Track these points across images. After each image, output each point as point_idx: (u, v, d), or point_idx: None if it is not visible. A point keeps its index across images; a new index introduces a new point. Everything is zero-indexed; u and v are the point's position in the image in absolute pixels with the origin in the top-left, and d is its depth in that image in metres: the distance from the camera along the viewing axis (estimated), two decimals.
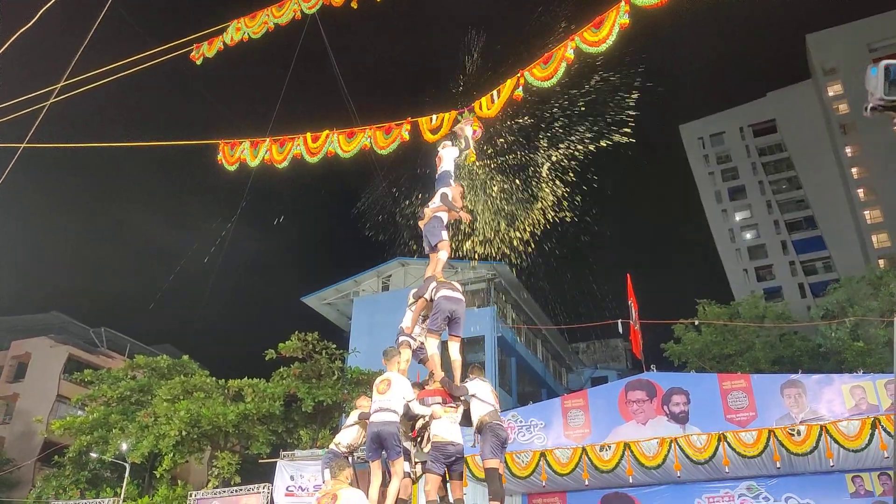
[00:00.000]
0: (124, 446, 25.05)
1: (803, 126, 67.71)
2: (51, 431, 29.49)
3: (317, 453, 20.42)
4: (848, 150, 65.37)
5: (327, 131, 11.07)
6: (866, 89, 2.66)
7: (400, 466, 7.29)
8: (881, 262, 53.54)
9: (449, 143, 9.59)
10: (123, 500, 23.94)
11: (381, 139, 10.63)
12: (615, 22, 8.48)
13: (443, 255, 8.67)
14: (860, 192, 63.78)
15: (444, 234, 8.72)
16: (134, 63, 11.36)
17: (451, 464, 7.47)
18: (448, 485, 7.68)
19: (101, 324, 45.45)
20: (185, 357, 30.85)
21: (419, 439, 7.96)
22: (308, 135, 11.18)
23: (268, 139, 11.47)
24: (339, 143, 10.91)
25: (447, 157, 9.35)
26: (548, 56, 9.23)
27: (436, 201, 8.85)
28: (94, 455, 26.97)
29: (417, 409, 7.62)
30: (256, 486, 20.73)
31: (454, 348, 8.12)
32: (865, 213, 62.76)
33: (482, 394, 7.72)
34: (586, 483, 15.61)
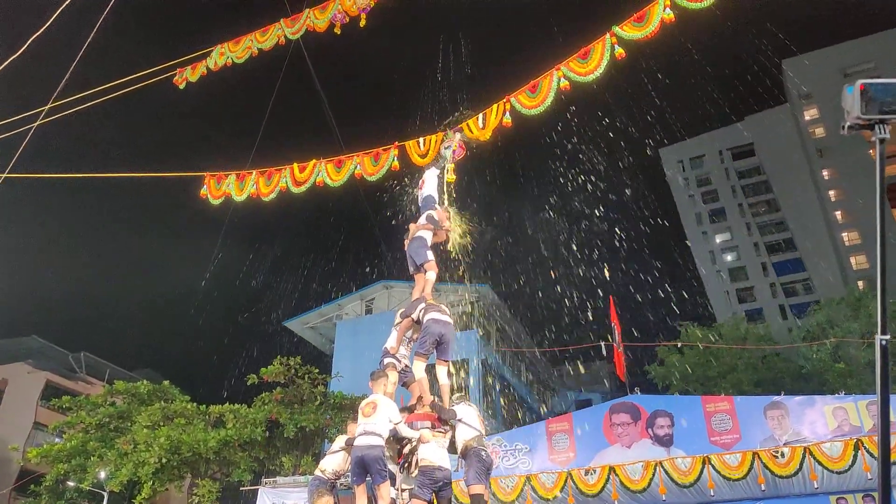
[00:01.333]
0: (102, 474, 24.61)
1: (781, 149, 68.76)
2: (27, 459, 28.91)
3: (299, 480, 20.13)
4: (825, 173, 66.44)
5: (314, 161, 11.04)
6: (843, 108, 2.70)
7: (386, 491, 7.14)
8: (860, 283, 54.18)
9: (433, 167, 9.62)
10: None
11: (370, 166, 10.61)
12: (604, 53, 8.58)
13: (430, 275, 8.62)
14: (838, 214, 64.71)
15: (430, 254, 8.68)
16: (117, 87, 11.34)
17: (439, 490, 7.35)
18: None
19: (81, 348, 44.89)
20: (166, 382, 30.43)
21: (406, 464, 7.83)
22: (295, 165, 11.12)
23: (254, 172, 11.38)
24: (328, 173, 10.86)
25: (429, 179, 9.36)
26: (535, 84, 9.32)
27: (421, 221, 8.84)
28: (71, 484, 26.46)
29: (405, 431, 7.49)
30: None
31: (442, 372, 8.04)
32: (843, 234, 63.62)
33: (468, 418, 7.66)
34: None
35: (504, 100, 9.55)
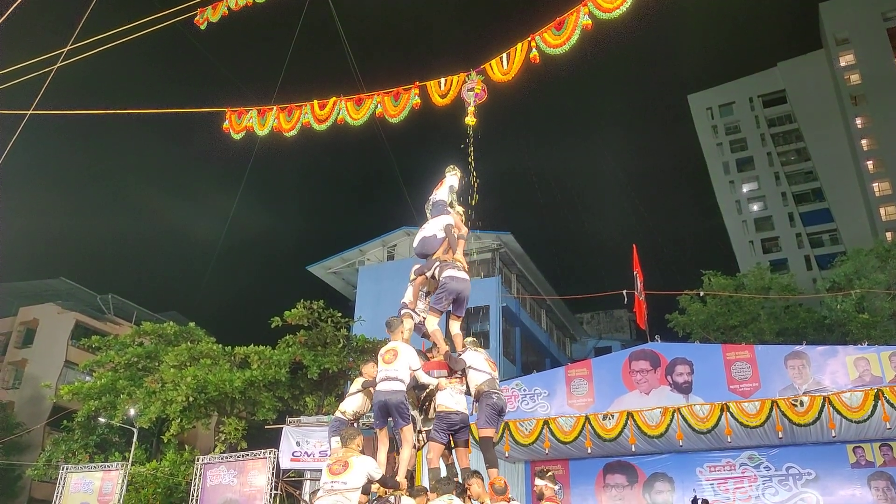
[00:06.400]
0: (132, 411, 25.33)
1: (813, 97, 66.95)
2: (59, 396, 29.82)
3: (322, 420, 20.61)
4: (858, 121, 64.71)
5: (334, 98, 10.91)
6: None
7: (409, 434, 7.33)
8: (889, 234, 53.29)
9: (455, 171, 9.30)
10: (132, 465, 24.26)
11: (391, 106, 10.46)
12: None
13: (458, 254, 8.59)
14: (869, 164, 63.25)
15: (441, 234, 8.60)
16: (138, 28, 11.22)
17: (456, 432, 7.57)
18: (454, 452, 7.77)
19: (108, 290, 45.73)
20: (192, 324, 31.05)
21: (424, 409, 8.01)
22: (315, 102, 11.02)
23: (275, 108, 11.29)
24: (348, 111, 10.73)
25: (446, 183, 9.12)
26: (560, 21, 9.08)
27: (436, 228, 8.60)
28: (102, 420, 27.29)
29: (423, 378, 7.64)
30: (263, 451, 20.96)
31: (455, 326, 8.18)
32: (874, 185, 62.31)
33: (477, 363, 7.77)
34: (589, 451, 15.70)
35: (529, 38, 9.32)
